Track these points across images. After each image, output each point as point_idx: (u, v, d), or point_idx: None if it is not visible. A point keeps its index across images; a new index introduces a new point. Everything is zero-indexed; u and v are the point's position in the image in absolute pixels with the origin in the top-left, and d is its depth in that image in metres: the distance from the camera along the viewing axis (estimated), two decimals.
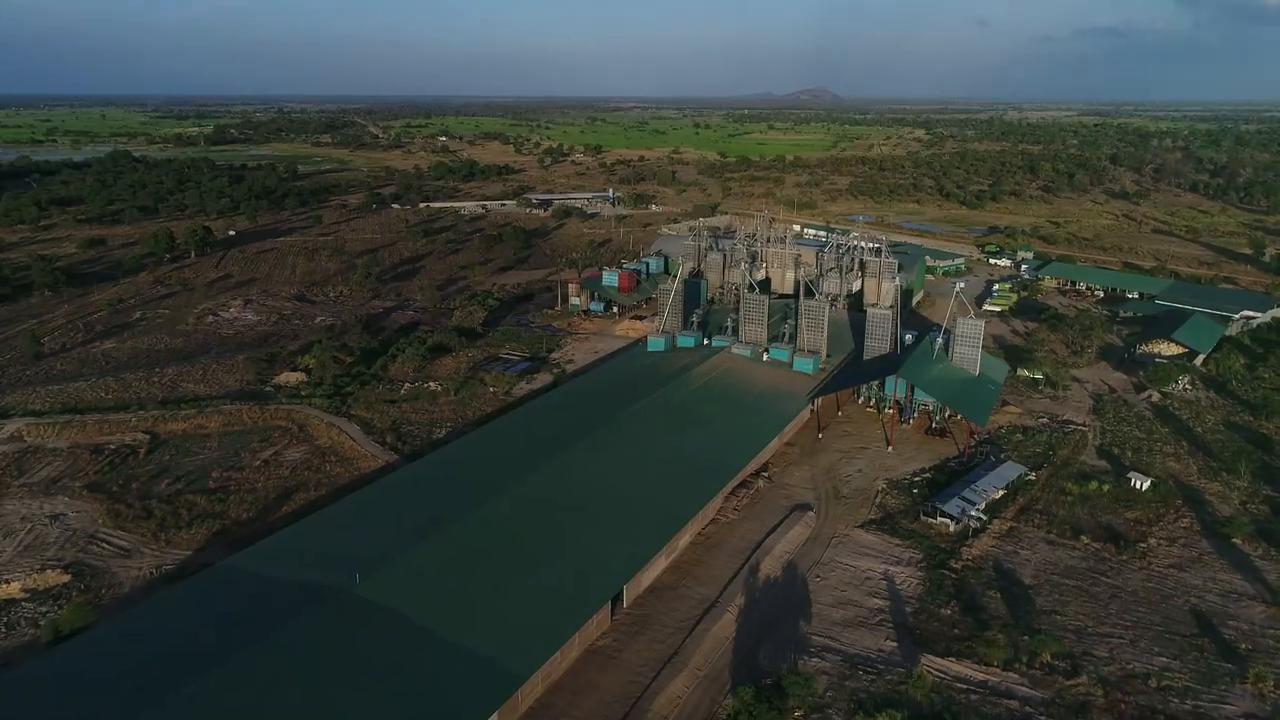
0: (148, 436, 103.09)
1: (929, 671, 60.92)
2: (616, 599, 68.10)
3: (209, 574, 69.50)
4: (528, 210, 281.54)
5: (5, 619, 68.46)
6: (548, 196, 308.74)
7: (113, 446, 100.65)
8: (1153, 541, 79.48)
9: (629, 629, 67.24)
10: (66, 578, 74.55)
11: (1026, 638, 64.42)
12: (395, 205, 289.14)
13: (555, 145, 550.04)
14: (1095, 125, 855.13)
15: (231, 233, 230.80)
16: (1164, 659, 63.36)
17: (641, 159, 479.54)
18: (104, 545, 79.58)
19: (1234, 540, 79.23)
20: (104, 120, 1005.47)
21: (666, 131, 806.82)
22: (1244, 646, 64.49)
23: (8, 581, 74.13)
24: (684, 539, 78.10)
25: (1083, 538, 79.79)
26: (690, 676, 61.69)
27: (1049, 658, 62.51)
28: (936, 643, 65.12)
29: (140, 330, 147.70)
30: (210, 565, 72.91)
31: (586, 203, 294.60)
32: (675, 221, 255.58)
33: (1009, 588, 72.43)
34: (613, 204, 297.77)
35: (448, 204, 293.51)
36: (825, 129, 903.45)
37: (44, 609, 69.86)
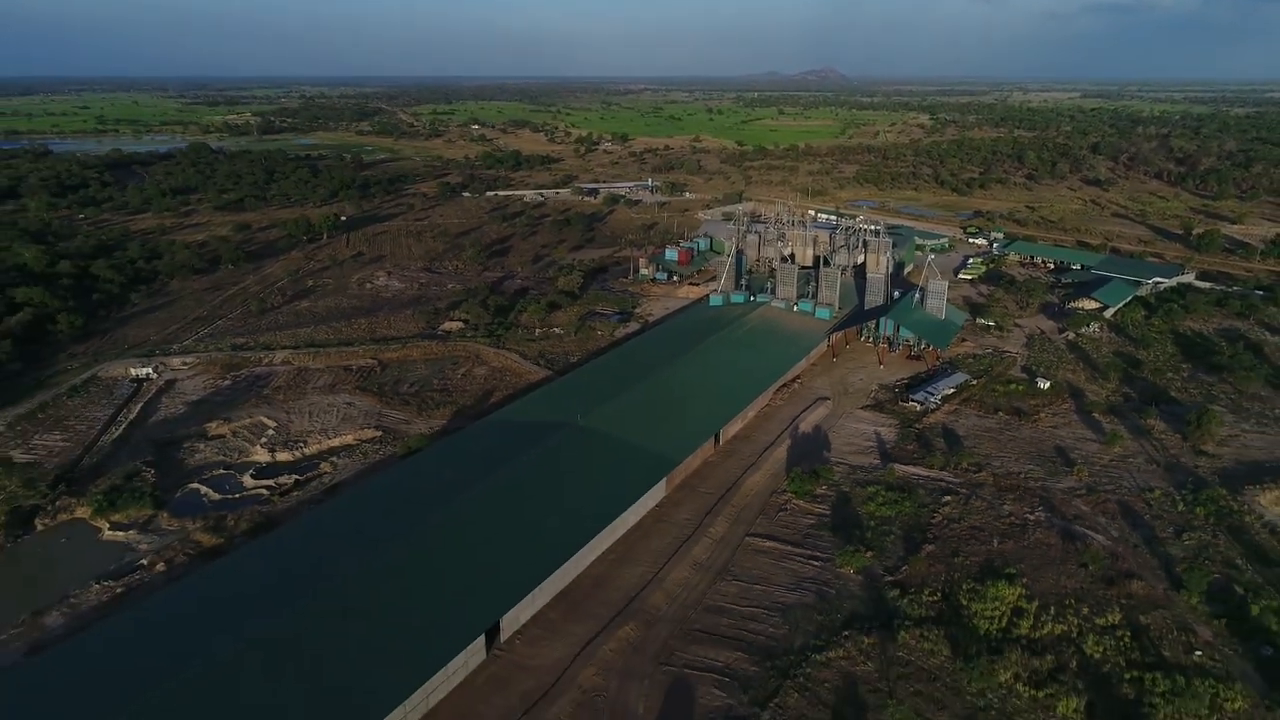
0: (375, 362, 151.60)
1: (896, 469, 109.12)
2: (716, 438, 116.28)
3: (474, 427, 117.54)
4: (581, 198, 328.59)
5: (359, 451, 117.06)
6: (595, 186, 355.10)
7: (355, 367, 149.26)
8: (1042, 415, 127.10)
9: (724, 455, 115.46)
10: (379, 433, 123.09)
11: (954, 456, 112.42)
12: (465, 193, 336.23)
13: (586, 134, 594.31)
14: (1091, 110, 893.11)
15: (343, 218, 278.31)
16: (1031, 466, 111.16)
17: (667, 148, 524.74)
18: (389, 418, 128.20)
19: (1094, 414, 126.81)
20: (139, 107, 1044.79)
21: (681, 118, 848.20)
22: (1078, 461, 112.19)
23: (344, 435, 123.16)
24: (751, 413, 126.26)
25: (999, 413, 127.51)
26: (764, 474, 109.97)
27: (965, 464, 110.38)
28: (903, 460, 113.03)
29: (320, 294, 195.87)
30: (463, 428, 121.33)
31: (629, 191, 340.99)
32: (709, 208, 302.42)
33: (949, 437, 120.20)
34: (651, 192, 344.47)
35: (511, 192, 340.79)
36: (833, 114, 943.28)
37: (376, 447, 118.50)
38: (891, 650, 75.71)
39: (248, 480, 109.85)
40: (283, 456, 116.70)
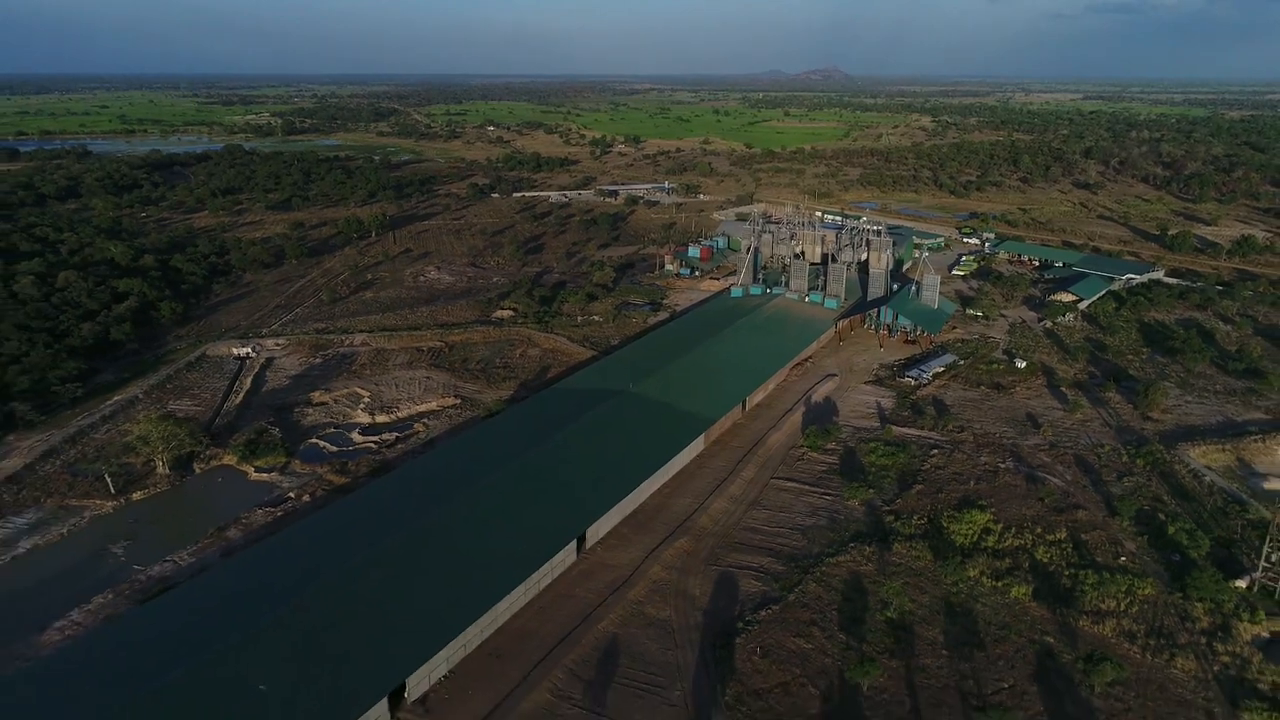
0: (443, 344, 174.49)
1: (893, 430, 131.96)
2: (743, 406, 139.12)
3: (541, 395, 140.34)
4: (603, 199, 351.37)
5: (445, 415, 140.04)
6: (615, 187, 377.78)
7: (426, 348, 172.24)
8: (1018, 389, 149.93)
9: (749, 419, 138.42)
10: (457, 401, 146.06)
11: (942, 420, 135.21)
12: (494, 194, 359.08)
13: (600, 137, 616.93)
14: (1090, 112, 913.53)
15: (388, 217, 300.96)
16: (1005, 428, 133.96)
17: (678, 150, 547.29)
18: (464, 389, 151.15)
19: (1062, 388, 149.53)
20: (157, 106, 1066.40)
21: (689, 119, 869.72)
22: (1045, 425, 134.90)
23: (429, 402, 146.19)
24: (771, 385, 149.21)
25: (981, 387, 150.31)
26: (784, 433, 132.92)
27: (951, 426, 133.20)
28: (899, 423, 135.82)
29: (380, 286, 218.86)
30: (529, 396, 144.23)
31: (647, 192, 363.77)
32: (722, 209, 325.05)
33: (938, 405, 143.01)
34: (668, 194, 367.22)
35: (536, 193, 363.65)
36: (837, 115, 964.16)
37: (458, 411, 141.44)
38: (887, 556, 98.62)
39: (356, 436, 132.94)
40: (381, 418, 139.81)
